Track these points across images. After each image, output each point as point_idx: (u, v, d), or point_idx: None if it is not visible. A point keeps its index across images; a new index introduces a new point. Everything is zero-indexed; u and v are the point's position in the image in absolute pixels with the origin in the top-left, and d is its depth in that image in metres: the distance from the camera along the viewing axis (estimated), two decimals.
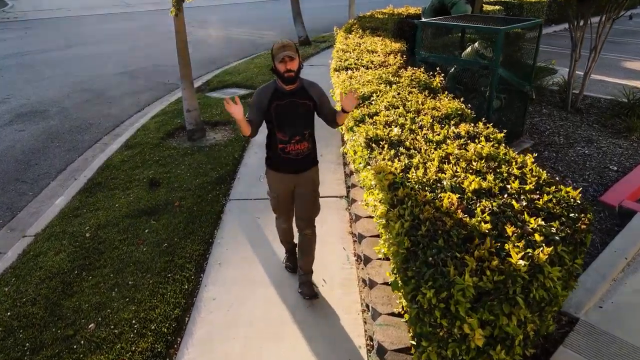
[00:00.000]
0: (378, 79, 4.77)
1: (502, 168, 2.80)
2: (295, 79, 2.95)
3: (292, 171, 3.20)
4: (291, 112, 3.04)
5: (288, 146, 3.10)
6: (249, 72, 10.15)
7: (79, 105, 8.72)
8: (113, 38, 15.46)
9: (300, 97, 3.05)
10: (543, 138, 6.03)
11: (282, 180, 3.25)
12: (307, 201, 3.34)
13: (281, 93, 3.02)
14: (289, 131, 3.05)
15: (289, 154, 3.12)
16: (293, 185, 3.28)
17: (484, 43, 5.05)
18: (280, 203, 3.39)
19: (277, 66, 2.92)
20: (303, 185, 3.28)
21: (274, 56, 2.93)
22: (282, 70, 2.90)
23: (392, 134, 3.39)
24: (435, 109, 3.88)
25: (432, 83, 4.71)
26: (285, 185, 3.28)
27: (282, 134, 3.06)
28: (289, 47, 2.89)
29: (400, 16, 10.34)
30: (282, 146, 3.10)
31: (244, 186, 5.21)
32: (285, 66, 2.89)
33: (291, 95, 3.02)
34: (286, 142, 3.09)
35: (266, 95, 3.02)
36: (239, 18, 20.68)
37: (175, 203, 4.81)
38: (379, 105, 4.05)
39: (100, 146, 6.92)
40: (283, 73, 2.91)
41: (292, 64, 2.89)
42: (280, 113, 3.02)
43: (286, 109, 3.02)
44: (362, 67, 5.41)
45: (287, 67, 2.89)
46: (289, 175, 3.22)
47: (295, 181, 3.25)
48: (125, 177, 5.46)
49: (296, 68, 2.92)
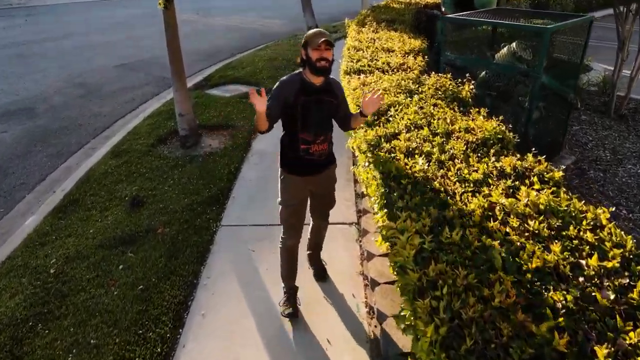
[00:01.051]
0: (396, 87, 4.02)
1: (570, 230, 2.06)
2: (328, 70, 2.69)
3: (313, 173, 2.98)
4: (318, 110, 2.80)
5: (312, 147, 2.86)
6: (253, 66, 9.40)
7: (70, 102, 8.08)
8: (115, 26, 14.77)
9: (327, 94, 2.82)
10: (586, 152, 5.23)
11: (302, 185, 3.00)
12: (326, 198, 3.22)
13: (309, 88, 2.75)
14: (314, 131, 2.83)
15: (313, 155, 2.89)
16: (312, 188, 3.07)
17: (522, 44, 4.26)
18: (295, 213, 3.06)
19: (310, 54, 2.65)
20: (322, 185, 3.10)
21: (308, 42, 2.67)
22: (316, 57, 2.63)
23: (415, 169, 2.67)
24: (469, 131, 3.13)
25: (460, 92, 3.95)
26: (305, 190, 3.05)
27: (307, 133, 2.82)
28: (326, 34, 2.64)
29: (418, 5, 9.48)
30: (306, 147, 2.86)
31: (239, 208, 4.53)
32: (321, 53, 2.62)
33: (318, 91, 2.78)
34: (310, 143, 2.85)
35: (293, 88, 2.74)
36: (245, 5, 19.84)
37: (157, 230, 4.14)
38: (399, 124, 3.31)
39: (86, 152, 6.27)
40: (316, 61, 2.64)
41: (328, 53, 2.64)
42: (307, 110, 2.77)
43: (314, 105, 2.78)
44: (377, 69, 4.65)
45: (322, 54, 2.62)
46: (308, 177, 2.98)
47: (314, 182, 3.03)
48: (105, 194, 4.81)
49: (331, 59, 2.67)
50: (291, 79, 2.80)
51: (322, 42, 2.59)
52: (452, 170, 2.63)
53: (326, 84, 2.81)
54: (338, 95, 2.89)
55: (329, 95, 2.83)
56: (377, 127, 3.32)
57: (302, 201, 3.07)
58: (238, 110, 6.97)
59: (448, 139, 3.05)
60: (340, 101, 2.91)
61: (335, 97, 2.87)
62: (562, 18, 4.39)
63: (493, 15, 4.75)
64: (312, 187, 3.06)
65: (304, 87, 2.75)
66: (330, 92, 2.84)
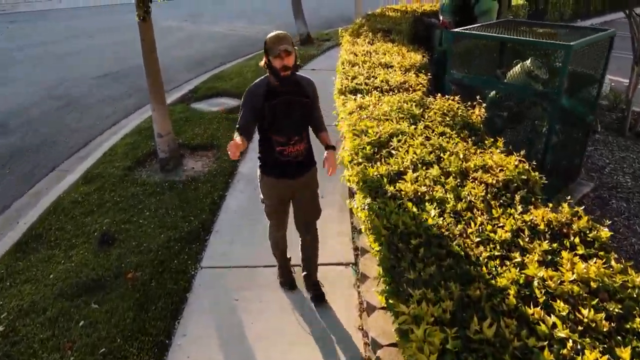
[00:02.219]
0: (398, 111, 3.55)
1: (636, 323, 1.59)
2: (291, 78, 2.66)
3: (291, 176, 2.94)
4: (288, 112, 2.77)
5: (287, 148, 2.84)
6: (242, 77, 8.92)
7: (47, 117, 7.55)
8: (103, 33, 14.20)
9: (296, 94, 2.77)
10: (604, 178, 4.79)
11: (280, 187, 2.99)
12: (308, 205, 3.16)
13: (275, 91, 2.73)
14: (286, 132, 2.81)
15: (289, 156, 2.86)
16: (291, 191, 3.04)
17: (537, 61, 3.81)
18: (277, 210, 3.14)
19: (272, 62, 2.61)
20: (303, 189, 3.05)
21: (269, 50, 2.62)
22: (279, 66, 2.59)
23: (428, 223, 2.19)
24: (487, 171, 2.67)
25: (470, 117, 3.49)
26: (283, 192, 3.03)
27: (279, 135, 2.81)
28: (286, 39, 2.59)
29: (415, 14, 9.05)
30: (281, 149, 2.84)
31: (223, 245, 4.03)
32: (282, 62, 2.58)
33: (286, 92, 2.74)
34: (284, 145, 2.83)
35: (259, 94, 2.75)
36: (236, 11, 19.35)
37: (127, 274, 3.63)
38: (404, 159, 2.84)
39: (58, 175, 5.75)
40: (279, 70, 2.60)
41: (289, 59, 2.59)
42: (276, 113, 2.74)
43: (282, 107, 2.75)
44: (375, 89, 4.18)
45: (283, 63, 2.58)
46: (288, 180, 2.95)
47: (294, 186, 2.99)
48: (72, 228, 4.29)
49: (292, 64, 2.62)
50: (256, 86, 2.81)
51: (282, 51, 2.55)
52: (473, 226, 2.15)
53: (295, 84, 2.77)
54: (309, 94, 2.84)
55: (298, 95, 2.79)
56: (378, 162, 2.85)
57: (281, 201, 3.10)
58: (224, 127, 6.48)
59: (463, 181, 2.59)
60: (312, 100, 2.86)
61: (307, 96, 2.82)
62: (581, 33, 3.94)
63: (502, 29, 4.31)
64: (293, 190, 3.03)
65: (270, 91, 2.74)
66: (300, 92, 2.79)
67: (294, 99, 2.77)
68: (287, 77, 2.64)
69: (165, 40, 13.32)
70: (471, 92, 4.25)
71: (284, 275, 3.50)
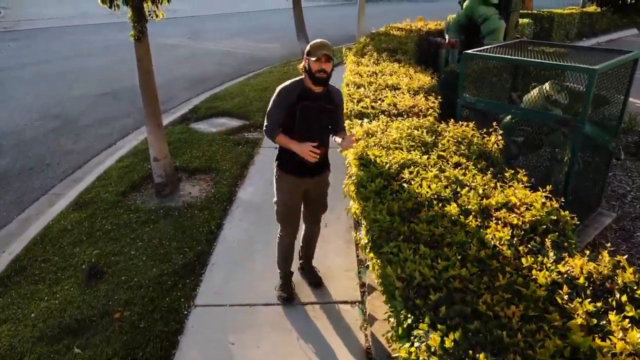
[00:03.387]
0: (408, 139, 3.30)
1: None
2: (326, 81, 2.89)
3: (308, 175, 3.12)
4: (316, 116, 2.98)
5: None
6: (243, 97, 8.73)
7: (42, 137, 7.33)
8: (103, 51, 14.10)
9: (326, 102, 3.00)
10: (626, 207, 4.51)
11: (296, 185, 3.15)
12: (319, 203, 3.35)
13: (309, 94, 2.95)
14: (310, 135, 2.97)
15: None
16: (304, 189, 3.20)
17: (556, 85, 3.58)
18: (291, 210, 3.26)
19: (311, 64, 2.84)
20: (316, 188, 3.24)
21: (310, 53, 2.84)
22: (316, 69, 2.82)
23: (449, 273, 1.92)
24: (511, 209, 2.40)
25: (486, 146, 3.24)
26: (299, 190, 3.19)
27: (302, 136, 2.96)
28: (327, 47, 2.83)
29: (420, 33, 8.90)
30: None
31: (219, 280, 3.75)
32: (320, 65, 2.81)
33: (319, 98, 2.97)
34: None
35: (294, 93, 2.95)
36: (238, 29, 19.33)
37: (115, 314, 3.35)
38: (417, 194, 2.58)
39: (50, 199, 5.50)
40: (315, 72, 2.83)
41: (327, 65, 2.83)
42: (305, 115, 2.96)
43: (313, 111, 2.96)
44: (382, 113, 3.95)
45: (321, 66, 2.81)
46: (304, 179, 3.13)
47: (309, 184, 3.18)
48: (59, 260, 4.03)
49: (330, 70, 2.85)
50: (291, 85, 2.98)
51: (322, 55, 2.78)
52: (500, 279, 1.88)
53: (326, 92, 2.98)
54: (335, 102, 3.05)
55: (329, 103, 3.00)
56: (389, 197, 2.58)
57: (296, 200, 3.22)
58: (224, 150, 6.25)
59: (485, 221, 2.32)
60: (335, 107, 3.05)
61: (332, 103, 3.02)
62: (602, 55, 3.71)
63: (515, 50, 4.08)
64: (306, 188, 3.19)
65: (304, 93, 2.94)
66: (328, 99, 3.00)
67: (325, 106, 2.98)
68: (322, 79, 2.84)
69: (166, 57, 13.23)
70: (484, 116, 4.02)
71: (285, 290, 3.48)
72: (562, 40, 14.05)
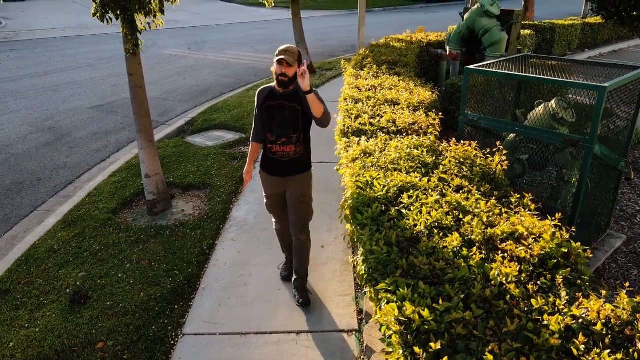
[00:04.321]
0: (407, 159, 3.14)
1: None
2: (287, 84, 3.07)
3: (279, 174, 3.27)
4: (279, 113, 3.13)
5: (274, 147, 3.20)
6: (240, 109, 8.59)
7: (34, 151, 7.19)
8: (100, 62, 14.02)
9: (290, 100, 3.12)
10: (636, 228, 4.31)
11: (270, 182, 3.35)
12: (295, 207, 3.36)
13: (274, 94, 3.15)
14: (275, 131, 3.17)
15: (275, 154, 3.22)
16: (283, 189, 3.35)
17: (563, 102, 3.42)
18: (272, 204, 3.48)
19: (275, 68, 3.04)
20: (291, 190, 3.32)
21: (275, 56, 3.00)
22: (277, 72, 3.03)
23: (451, 316, 1.74)
24: (518, 239, 2.23)
25: (490, 167, 3.07)
26: (274, 188, 3.36)
27: (270, 133, 3.19)
28: (289, 52, 2.98)
29: (421, 44, 8.78)
30: (270, 146, 3.23)
31: (210, 306, 3.57)
32: (281, 69, 3.00)
33: (282, 97, 3.13)
34: (273, 143, 3.20)
35: (263, 95, 3.20)
36: (239, 39, 19.28)
37: (98, 344, 3.17)
38: (417, 221, 2.41)
39: (39, 216, 5.34)
40: (277, 75, 3.04)
41: (287, 70, 3.00)
42: (269, 113, 3.15)
43: (275, 109, 3.13)
44: (381, 130, 3.79)
45: (282, 70, 3.00)
46: (276, 177, 3.29)
47: (284, 184, 3.31)
48: (44, 283, 3.85)
49: (291, 75, 3.02)
50: (264, 88, 3.24)
51: (282, 60, 2.96)
52: (509, 324, 1.70)
53: (294, 92, 3.11)
54: (302, 102, 3.09)
55: (293, 101, 3.12)
56: (386, 225, 2.41)
57: (276, 196, 3.40)
58: (219, 164, 6.09)
59: (490, 254, 2.14)
60: (304, 106, 3.10)
61: (300, 103, 3.11)
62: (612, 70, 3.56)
63: (520, 65, 3.93)
64: (284, 189, 3.34)
65: (271, 94, 3.16)
66: (296, 99, 3.12)
67: (287, 104, 3.11)
68: (283, 82, 3.04)
69: (167, 68, 13.14)
70: (487, 134, 3.86)
71: (286, 269, 3.77)
72: (564, 51, 13.93)
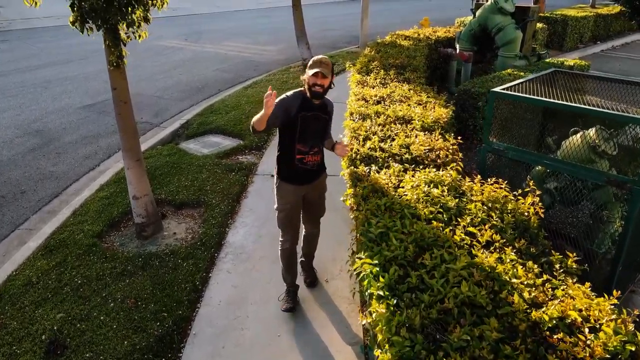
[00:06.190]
0: (426, 200, 2.73)
1: None
2: (321, 95, 3.12)
3: (308, 182, 3.32)
4: (314, 125, 3.20)
5: (307, 157, 3.24)
6: (238, 111, 8.13)
7: (19, 158, 6.76)
8: (95, 55, 13.44)
9: (323, 112, 3.23)
10: None
11: (295, 192, 3.31)
12: (316, 206, 3.50)
13: (309, 105, 3.15)
14: (309, 142, 3.21)
15: (307, 164, 3.26)
16: (304, 194, 3.37)
17: (604, 131, 3.00)
18: (291, 216, 3.39)
19: (308, 78, 3.06)
20: (314, 192, 3.41)
21: (309, 68, 3.06)
22: (311, 83, 3.05)
23: None
24: (570, 328, 1.82)
25: (522, 212, 2.66)
26: (298, 196, 3.34)
27: (303, 144, 3.20)
28: (325, 64, 3.04)
29: (429, 41, 8.28)
30: (301, 157, 3.22)
31: (201, 356, 3.18)
32: (316, 80, 3.03)
33: (317, 109, 3.19)
34: (305, 153, 3.22)
35: (295, 104, 3.13)
36: (240, 29, 18.68)
37: None
38: (443, 293, 2.01)
39: (20, 237, 4.95)
40: (311, 86, 3.06)
41: (323, 81, 3.05)
42: (305, 124, 3.15)
43: (311, 121, 3.17)
44: (392, 157, 3.37)
45: (317, 82, 3.04)
46: (303, 185, 3.31)
47: (307, 190, 3.35)
48: (18, 326, 3.47)
49: (326, 86, 3.09)
50: (294, 95, 3.16)
51: (318, 72, 3.01)
52: None
53: (322, 104, 3.21)
54: (328, 111, 3.28)
55: (325, 113, 3.24)
56: (406, 298, 2.00)
57: (295, 206, 3.37)
58: (215, 178, 5.67)
59: (539, 347, 1.74)
60: (329, 117, 3.30)
61: (326, 113, 3.26)
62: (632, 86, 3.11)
63: (549, 83, 3.49)
64: (305, 194, 3.37)
65: (304, 104, 3.14)
66: (324, 110, 3.24)
67: (321, 115, 3.22)
68: (318, 94, 3.07)
69: (163, 62, 12.63)
70: (512, 162, 3.43)
71: (289, 301, 3.55)
72: (576, 44, 13.40)
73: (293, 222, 3.41)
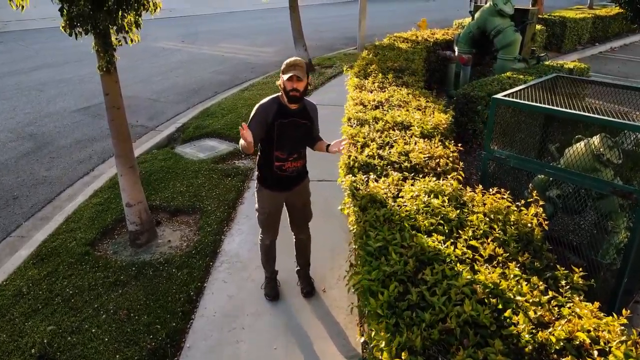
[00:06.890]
0: (426, 211, 2.65)
1: None
2: (299, 99, 3.03)
3: (287, 188, 3.30)
4: (292, 132, 3.11)
5: (285, 164, 3.19)
6: (234, 114, 8.05)
7: (13, 163, 6.66)
8: (90, 56, 13.20)
9: (301, 117, 3.13)
10: None
11: (275, 198, 3.32)
12: (301, 211, 3.48)
13: (285, 111, 3.07)
14: (287, 150, 3.15)
15: (286, 171, 3.21)
16: (285, 200, 3.38)
17: (608, 139, 2.92)
18: (271, 219, 3.41)
19: (284, 83, 2.96)
20: (295, 198, 3.39)
21: (283, 72, 2.96)
22: (288, 88, 2.96)
23: None
24: (577, 350, 1.75)
25: (525, 223, 2.58)
26: (278, 202, 3.36)
27: (281, 152, 3.15)
28: (299, 67, 2.94)
29: (427, 44, 8.21)
30: (280, 164, 3.18)
31: None
32: (292, 85, 2.94)
33: (294, 114, 3.09)
34: (284, 160, 3.17)
35: (271, 112, 3.06)
36: (237, 30, 18.59)
37: None
38: (444, 312, 1.93)
39: (11, 244, 4.85)
40: (289, 91, 2.97)
41: (299, 84, 2.95)
42: (282, 132, 3.08)
43: (288, 128, 3.08)
44: (390, 165, 3.29)
45: (293, 86, 2.94)
46: (283, 192, 3.31)
47: (288, 196, 3.34)
48: (7, 339, 3.38)
49: (302, 89, 2.99)
50: (269, 102, 3.10)
51: (293, 75, 2.90)
52: None
53: (302, 108, 3.12)
54: (312, 119, 3.20)
55: (303, 118, 3.13)
56: (407, 315, 1.92)
57: (275, 211, 3.38)
58: (210, 183, 5.58)
59: None
60: (311, 122, 3.19)
61: (310, 119, 3.17)
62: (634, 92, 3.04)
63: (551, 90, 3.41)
64: (286, 199, 3.36)
65: (281, 110, 3.05)
66: (305, 115, 3.14)
67: (300, 121, 3.11)
68: (295, 98, 2.97)
69: (159, 64, 12.53)
70: (513, 170, 3.36)
71: (270, 288, 3.64)
72: (574, 45, 13.35)
73: (273, 224, 3.44)
